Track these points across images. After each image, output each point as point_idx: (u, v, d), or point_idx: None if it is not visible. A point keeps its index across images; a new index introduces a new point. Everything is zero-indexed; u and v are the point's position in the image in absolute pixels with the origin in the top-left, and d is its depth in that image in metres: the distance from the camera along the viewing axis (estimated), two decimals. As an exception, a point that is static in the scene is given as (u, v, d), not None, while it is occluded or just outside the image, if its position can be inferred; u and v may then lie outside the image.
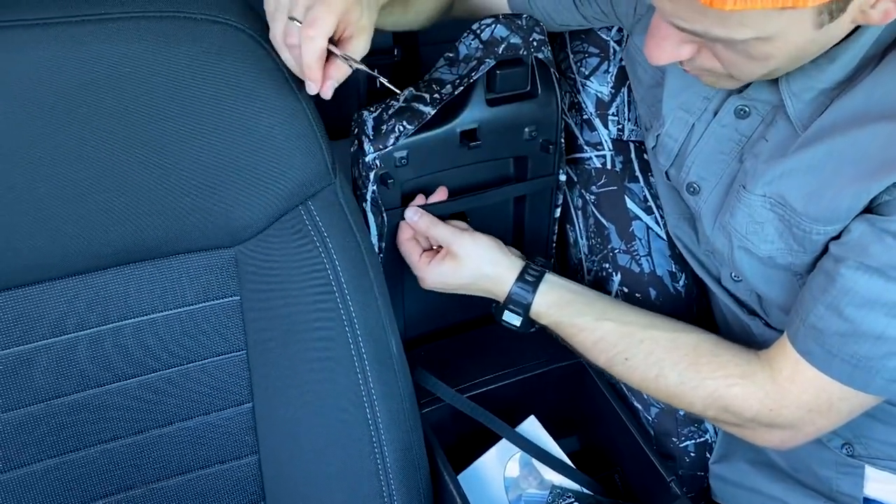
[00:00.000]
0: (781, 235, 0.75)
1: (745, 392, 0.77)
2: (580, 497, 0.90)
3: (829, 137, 0.69)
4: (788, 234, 0.74)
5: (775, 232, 0.75)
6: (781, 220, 0.74)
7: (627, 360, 0.82)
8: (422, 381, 0.91)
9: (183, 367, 0.78)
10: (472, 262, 0.89)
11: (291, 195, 0.77)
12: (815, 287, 0.72)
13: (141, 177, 0.71)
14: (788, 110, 0.73)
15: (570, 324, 0.86)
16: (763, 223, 0.75)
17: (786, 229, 0.74)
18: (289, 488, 0.81)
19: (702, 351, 0.80)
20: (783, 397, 0.75)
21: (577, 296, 0.87)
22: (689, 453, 0.96)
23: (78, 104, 0.68)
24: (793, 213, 0.73)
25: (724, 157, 0.81)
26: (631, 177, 0.99)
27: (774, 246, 0.76)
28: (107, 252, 0.72)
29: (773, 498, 0.90)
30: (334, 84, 0.71)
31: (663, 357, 0.81)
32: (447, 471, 0.87)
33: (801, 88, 0.72)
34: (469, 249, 0.89)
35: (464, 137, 0.91)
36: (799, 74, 0.71)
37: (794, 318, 0.74)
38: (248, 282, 0.77)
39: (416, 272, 0.92)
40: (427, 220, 0.91)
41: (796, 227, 0.73)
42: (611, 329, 0.83)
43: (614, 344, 0.83)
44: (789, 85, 0.72)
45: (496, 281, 0.89)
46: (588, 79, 0.99)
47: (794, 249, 0.75)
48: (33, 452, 0.74)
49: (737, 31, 0.62)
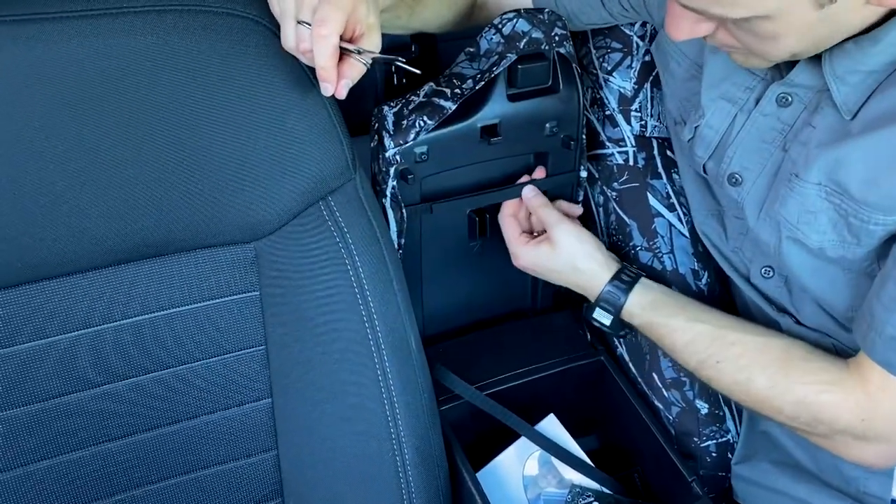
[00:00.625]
0: (835, 226, 0.73)
1: (835, 399, 0.75)
2: (600, 496, 0.90)
3: (890, 122, 0.68)
4: (843, 224, 0.73)
5: (829, 222, 0.74)
6: (837, 209, 0.73)
7: (719, 363, 0.82)
8: (441, 378, 0.91)
9: (202, 362, 0.78)
10: (568, 252, 0.90)
11: (312, 190, 0.76)
12: (885, 296, 0.70)
13: (161, 172, 0.71)
14: (833, 94, 0.72)
15: (663, 324, 0.85)
16: (816, 213, 0.74)
17: (840, 219, 0.73)
18: (307, 484, 0.81)
19: (793, 356, 0.79)
20: (875, 407, 0.73)
21: (670, 298, 0.87)
22: (711, 453, 0.95)
23: (99, 98, 0.69)
24: (850, 201, 0.71)
25: (766, 146, 0.80)
26: (654, 173, 0.98)
27: (827, 237, 0.74)
28: (126, 247, 0.72)
29: (797, 499, 0.89)
30: (349, 83, 0.70)
31: (754, 360, 0.80)
32: (466, 468, 0.86)
33: (846, 71, 0.71)
34: (568, 239, 0.90)
35: (484, 133, 0.91)
36: (842, 56, 0.70)
37: (868, 331, 0.72)
38: (267, 277, 0.77)
39: (512, 249, 0.94)
40: (540, 200, 0.94)
41: (853, 217, 0.72)
42: (704, 331, 0.83)
43: (706, 346, 0.82)
44: (833, 68, 0.71)
45: (589, 277, 0.90)
46: (611, 74, 0.98)
47: (847, 241, 0.73)
48: (50, 447, 0.74)
49: (731, 9, 0.65)
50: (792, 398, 0.77)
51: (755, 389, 0.79)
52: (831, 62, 0.71)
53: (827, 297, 0.79)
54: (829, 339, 0.83)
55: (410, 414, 0.80)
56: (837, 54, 0.71)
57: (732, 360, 0.81)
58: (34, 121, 0.67)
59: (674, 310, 0.86)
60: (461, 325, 1.04)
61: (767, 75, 0.79)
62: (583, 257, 0.90)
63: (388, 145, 0.87)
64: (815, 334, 0.83)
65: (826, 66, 0.72)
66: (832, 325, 0.81)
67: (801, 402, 0.77)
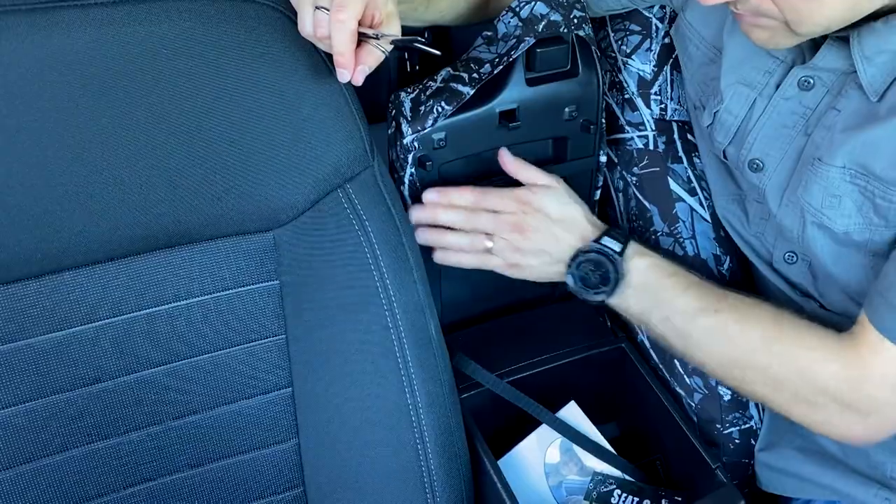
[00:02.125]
0: (861, 209, 0.72)
1: (823, 357, 0.74)
2: (622, 484, 0.89)
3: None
4: (870, 206, 0.72)
5: (854, 206, 0.73)
6: (862, 192, 0.72)
7: (717, 311, 0.80)
8: (461, 366, 0.90)
9: (222, 352, 0.77)
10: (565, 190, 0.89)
11: (330, 178, 0.76)
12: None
13: (179, 160, 0.71)
14: (861, 75, 0.71)
15: (667, 267, 0.84)
16: (841, 196, 0.73)
17: (866, 202, 0.72)
18: (328, 472, 0.81)
19: (784, 313, 0.79)
20: (866, 373, 0.72)
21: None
22: (734, 440, 0.94)
23: (115, 86, 0.68)
24: (877, 183, 0.70)
25: (787, 130, 0.78)
26: (674, 157, 0.96)
27: (852, 220, 0.73)
28: (145, 236, 0.72)
29: (822, 486, 0.88)
30: (366, 70, 0.70)
31: (750, 313, 0.79)
32: (487, 456, 0.86)
33: (874, 51, 0.69)
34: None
35: (503, 118, 0.90)
36: (870, 35, 0.69)
37: (875, 296, 0.71)
38: (286, 265, 0.77)
39: None
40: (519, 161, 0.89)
41: (880, 199, 0.71)
42: (703, 283, 0.82)
43: (705, 294, 0.81)
44: (861, 48, 0.70)
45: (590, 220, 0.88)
46: (630, 57, 0.96)
47: (873, 224, 0.72)
48: (71, 439, 0.74)
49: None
50: (780, 348, 0.76)
51: (746, 342, 0.78)
52: (860, 42, 0.70)
53: (852, 283, 0.78)
54: (855, 325, 0.82)
55: (432, 402, 0.80)
56: (866, 33, 0.69)
57: (728, 311, 0.79)
58: (51, 110, 0.67)
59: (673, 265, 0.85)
60: (480, 313, 1.04)
61: (788, 58, 0.78)
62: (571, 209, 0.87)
63: (406, 131, 0.86)
64: (840, 318, 0.82)
65: (854, 45, 0.70)
66: (858, 309, 0.80)
67: (791, 361, 0.75)
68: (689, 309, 0.81)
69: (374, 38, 0.69)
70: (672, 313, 0.81)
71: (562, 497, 0.90)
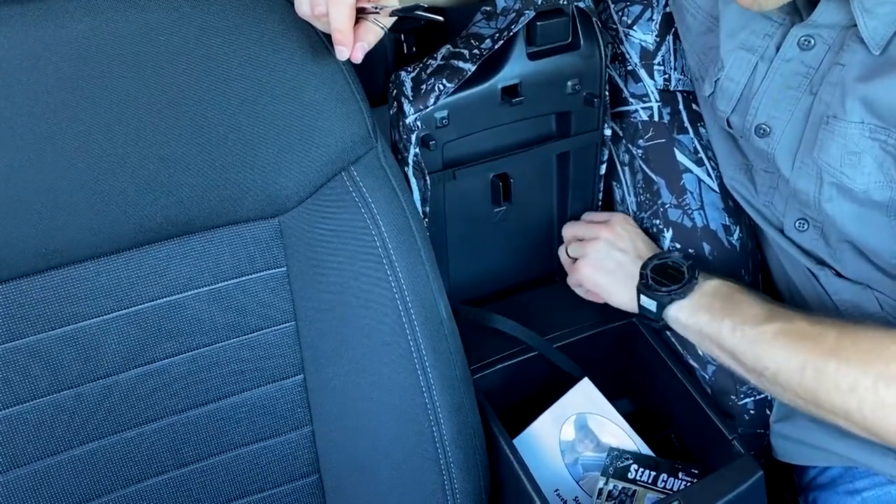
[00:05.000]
0: (882, 166, 0.71)
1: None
2: (638, 458, 0.89)
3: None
4: (891, 162, 0.70)
5: (874, 162, 0.71)
6: (883, 147, 0.70)
7: (790, 318, 0.76)
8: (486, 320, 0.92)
9: (233, 340, 0.77)
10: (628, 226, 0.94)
11: (334, 161, 0.75)
12: None
13: (181, 148, 0.70)
14: (861, 29, 0.69)
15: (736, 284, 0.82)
16: (860, 153, 0.72)
17: (888, 157, 0.70)
18: (343, 458, 0.81)
19: (859, 321, 0.75)
20: None
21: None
22: (749, 411, 0.94)
23: (115, 75, 0.67)
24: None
25: (792, 91, 0.77)
26: (680, 128, 0.95)
27: (872, 178, 0.72)
28: (150, 226, 0.71)
29: (839, 455, 0.87)
30: (366, 47, 0.69)
31: (820, 318, 0.75)
32: (503, 435, 0.85)
33: (874, 3, 0.68)
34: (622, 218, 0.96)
35: (505, 94, 0.88)
36: None
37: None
38: (293, 251, 0.76)
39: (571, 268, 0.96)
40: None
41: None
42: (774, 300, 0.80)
43: (779, 305, 0.78)
44: (861, 1, 0.69)
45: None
46: (631, 28, 0.95)
47: (895, 181, 0.71)
48: (85, 434, 0.74)
49: None
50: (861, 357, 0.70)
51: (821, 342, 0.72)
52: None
53: (871, 244, 0.77)
54: (871, 292, 0.81)
55: (445, 384, 0.79)
56: None
57: (803, 317, 0.75)
58: (50, 102, 0.66)
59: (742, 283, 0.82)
60: (489, 291, 1.03)
61: (786, 20, 0.77)
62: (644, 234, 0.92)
63: (408, 111, 0.85)
64: (857, 287, 0.82)
65: None
66: (876, 274, 0.79)
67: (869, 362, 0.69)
68: (763, 315, 0.77)
69: (374, 11, 0.67)
70: (745, 321, 0.78)
71: (578, 474, 0.90)
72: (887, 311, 0.81)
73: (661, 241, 0.95)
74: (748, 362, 0.77)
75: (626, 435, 0.91)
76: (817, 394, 0.72)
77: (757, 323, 0.77)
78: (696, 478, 0.86)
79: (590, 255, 0.92)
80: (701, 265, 0.85)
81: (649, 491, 0.87)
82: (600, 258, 0.92)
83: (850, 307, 0.83)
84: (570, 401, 0.91)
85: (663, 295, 0.82)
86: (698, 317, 0.81)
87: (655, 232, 0.95)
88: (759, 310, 0.78)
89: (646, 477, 0.88)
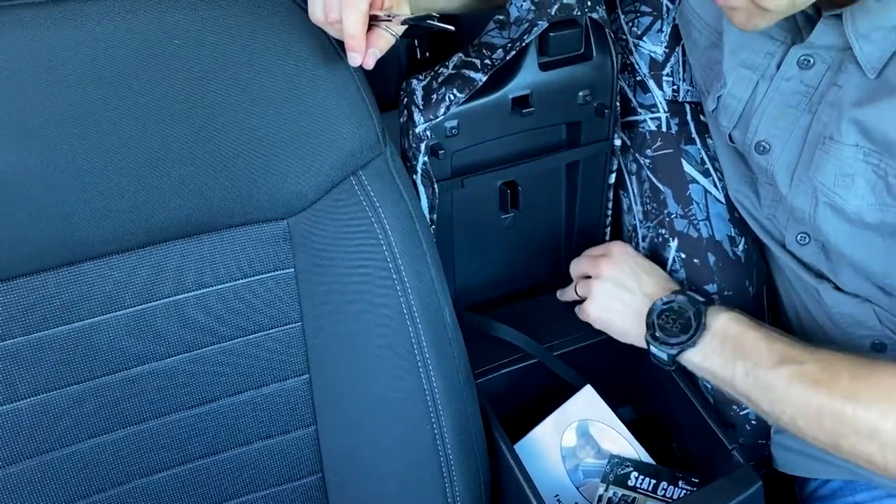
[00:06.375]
0: (874, 188, 0.72)
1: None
2: (639, 466, 0.89)
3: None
4: (883, 186, 0.71)
5: (867, 185, 0.72)
6: (875, 170, 0.71)
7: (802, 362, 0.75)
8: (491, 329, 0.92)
9: (238, 340, 0.78)
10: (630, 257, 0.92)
11: (343, 165, 0.76)
12: None
13: (191, 150, 0.71)
14: (857, 53, 0.70)
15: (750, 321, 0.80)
16: (853, 175, 0.72)
17: (879, 181, 0.71)
18: (346, 458, 0.82)
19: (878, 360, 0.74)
20: None
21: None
22: (751, 421, 0.94)
23: (127, 77, 0.69)
24: (891, 160, 0.69)
25: (792, 110, 0.78)
26: (687, 139, 0.96)
27: (865, 201, 0.73)
28: (160, 226, 0.73)
29: (839, 467, 0.88)
30: (377, 53, 0.70)
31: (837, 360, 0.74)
32: (504, 441, 0.86)
33: (868, 28, 0.69)
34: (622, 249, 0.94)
35: (515, 104, 0.89)
36: (862, 14, 0.68)
37: None
38: (301, 253, 0.77)
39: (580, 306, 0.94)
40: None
41: (894, 177, 0.70)
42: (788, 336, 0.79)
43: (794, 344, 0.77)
44: (855, 26, 0.69)
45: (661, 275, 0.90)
46: (641, 39, 0.96)
47: (886, 204, 0.71)
48: (92, 428, 0.75)
49: None
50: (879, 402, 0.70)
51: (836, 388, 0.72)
52: (853, 20, 0.69)
53: (865, 263, 0.77)
54: (870, 305, 0.81)
55: (448, 387, 0.80)
56: (859, 12, 0.69)
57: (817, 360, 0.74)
58: (64, 103, 0.67)
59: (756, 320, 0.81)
60: (495, 297, 1.04)
61: (787, 38, 0.77)
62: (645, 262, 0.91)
63: (418, 120, 0.86)
64: (855, 300, 0.82)
65: (848, 24, 0.70)
66: (873, 290, 0.80)
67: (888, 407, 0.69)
68: (775, 359, 0.76)
69: (386, 18, 0.69)
70: (757, 365, 0.77)
71: (579, 480, 0.90)
72: (886, 325, 0.81)
73: (667, 251, 0.95)
74: (764, 407, 0.77)
75: (627, 442, 0.91)
76: (837, 439, 0.72)
77: (769, 367, 0.76)
78: (697, 487, 0.87)
79: (597, 298, 0.90)
80: (705, 278, 0.84)
81: (649, 499, 0.88)
82: (607, 300, 0.90)
83: (850, 321, 0.84)
84: (573, 407, 0.92)
85: (673, 346, 0.82)
86: (710, 361, 0.80)
87: (661, 241, 0.96)
88: (770, 352, 0.77)
89: (646, 485, 0.88)
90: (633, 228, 1.01)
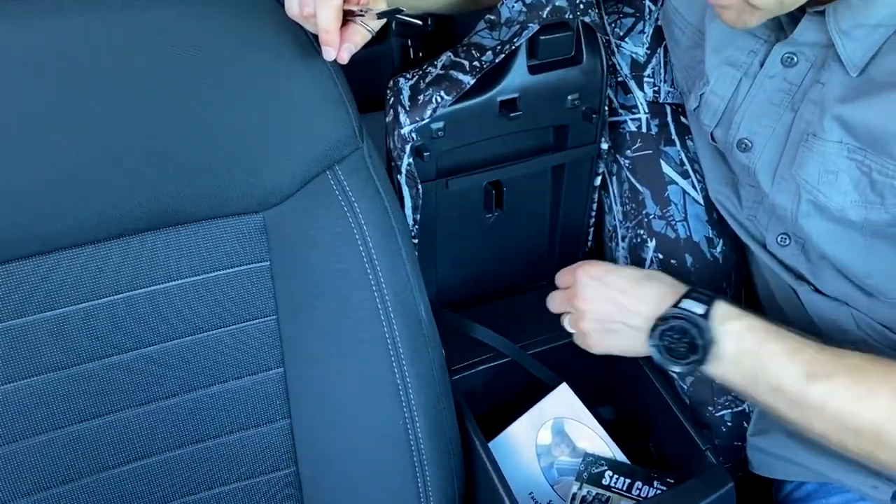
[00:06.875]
0: (857, 186, 0.72)
1: None
2: (613, 465, 0.90)
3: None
4: (866, 182, 0.71)
5: (850, 182, 0.72)
6: (859, 167, 0.71)
7: (831, 376, 0.71)
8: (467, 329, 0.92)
9: (215, 331, 0.78)
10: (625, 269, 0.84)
11: (318, 159, 0.76)
12: None
13: (168, 143, 0.72)
14: (839, 51, 0.70)
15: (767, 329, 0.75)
16: (837, 172, 0.72)
17: (863, 177, 0.71)
18: (320, 452, 0.82)
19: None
20: None
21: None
22: (726, 422, 0.95)
23: (107, 69, 0.69)
24: (874, 156, 0.70)
25: (775, 108, 0.78)
26: (667, 140, 0.96)
27: (849, 197, 0.72)
28: (136, 217, 0.73)
29: (814, 471, 0.88)
30: (352, 48, 0.70)
31: (869, 370, 0.71)
32: (478, 437, 0.86)
33: (851, 26, 0.69)
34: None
35: (503, 107, 0.88)
36: (846, 11, 0.69)
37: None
38: (277, 247, 0.78)
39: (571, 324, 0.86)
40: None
41: (878, 173, 0.70)
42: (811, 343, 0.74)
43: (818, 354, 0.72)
44: (838, 23, 0.70)
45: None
46: (623, 39, 0.96)
47: (870, 201, 0.71)
48: (62, 418, 0.75)
49: None
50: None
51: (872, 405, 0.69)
52: (836, 17, 0.70)
53: (845, 262, 0.77)
54: (848, 309, 0.81)
55: (421, 383, 0.80)
56: (842, 9, 0.69)
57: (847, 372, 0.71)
58: (44, 94, 0.68)
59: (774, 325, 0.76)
60: (476, 294, 1.04)
61: (770, 37, 0.78)
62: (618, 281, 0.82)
63: (404, 121, 0.85)
64: (834, 303, 0.82)
65: (831, 21, 0.70)
66: (852, 292, 0.80)
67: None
68: (801, 374, 0.72)
69: (360, 13, 0.69)
70: (781, 382, 0.72)
71: (553, 478, 0.91)
72: (863, 329, 0.81)
73: (645, 252, 0.96)
74: (793, 419, 0.74)
75: (602, 441, 0.92)
76: (876, 454, 0.70)
77: (796, 385, 0.72)
78: (671, 487, 0.87)
79: (587, 335, 0.84)
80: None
81: (623, 498, 0.88)
82: (596, 330, 0.83)
83: (828, 324, 0.84)
84: (548, 405, 0.93)
85: (684, 366, 0.77)
86: (729, 376, 0.76)
87: (640, 242, 0.97)
88: (794, 367, 0.72)
89: (620, 484, 0.88)
90: (614, 229, 1.02)
